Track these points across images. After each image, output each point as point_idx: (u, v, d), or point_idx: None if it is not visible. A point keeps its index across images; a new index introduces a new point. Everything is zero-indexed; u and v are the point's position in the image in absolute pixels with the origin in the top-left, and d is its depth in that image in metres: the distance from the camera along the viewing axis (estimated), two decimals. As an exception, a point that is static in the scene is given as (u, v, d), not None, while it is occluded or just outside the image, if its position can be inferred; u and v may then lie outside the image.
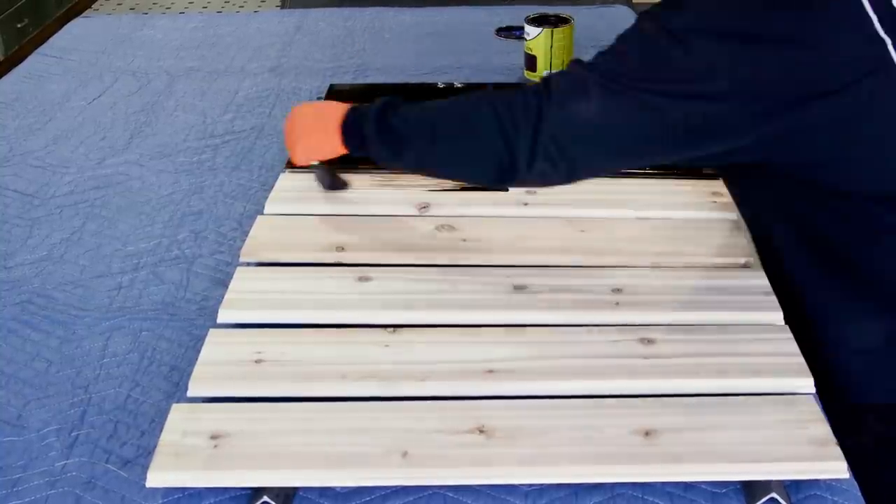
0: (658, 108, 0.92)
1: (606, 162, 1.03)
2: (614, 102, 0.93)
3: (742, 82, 0.90)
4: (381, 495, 0.87)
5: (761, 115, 0.91)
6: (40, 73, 1.87)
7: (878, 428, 1.03)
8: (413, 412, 0.92)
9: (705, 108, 0.91)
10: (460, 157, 1.04)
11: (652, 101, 0.92)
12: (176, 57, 1.93)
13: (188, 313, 1.14)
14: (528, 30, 1.69)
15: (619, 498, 0.86)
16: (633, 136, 0.95)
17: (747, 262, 1.13)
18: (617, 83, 0.93)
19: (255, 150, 1.53)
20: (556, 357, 0.98)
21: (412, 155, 1.07)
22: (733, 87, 0.90)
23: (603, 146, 0.97)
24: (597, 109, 0.94)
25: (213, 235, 1.30)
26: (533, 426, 0.89)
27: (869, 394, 1.04)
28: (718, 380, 0.95)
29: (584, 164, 1.00)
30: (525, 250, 1.16)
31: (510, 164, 0.97)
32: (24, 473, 0.92)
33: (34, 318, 1.14)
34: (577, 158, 0.98)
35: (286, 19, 2.15)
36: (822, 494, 0.85)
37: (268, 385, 0.95)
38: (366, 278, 1.10)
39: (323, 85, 1.72)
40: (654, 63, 0.93)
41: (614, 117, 0.94)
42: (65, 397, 1.02)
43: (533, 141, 0.95)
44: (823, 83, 0.90)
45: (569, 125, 0.95)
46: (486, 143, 0.98)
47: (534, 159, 0.96)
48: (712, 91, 0.91)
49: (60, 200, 1.40)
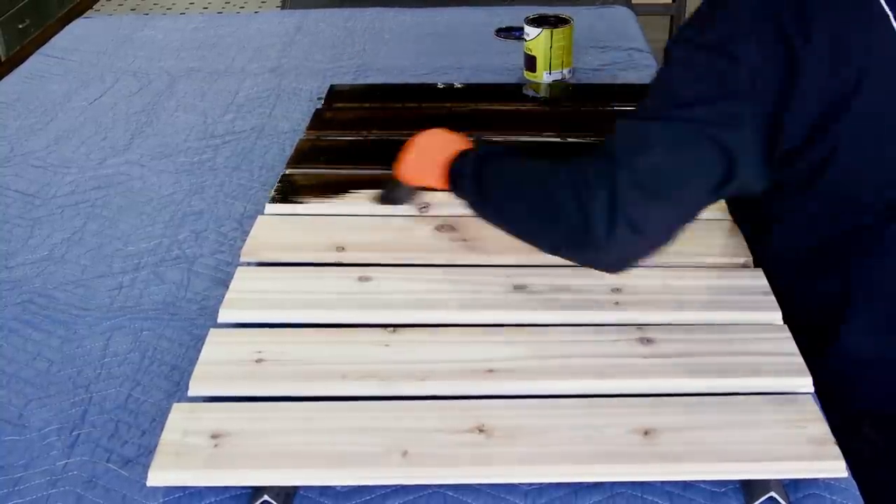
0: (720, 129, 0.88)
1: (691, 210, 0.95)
2: (679, 139, 0.89)
3: (773, 81, 0.88)
4: (381, 494, 0.87)
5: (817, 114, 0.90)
6: (42, 73, 1.88)
7: (873, 436, 1.03)
8: (413, 411, 0.92)
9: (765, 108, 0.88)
10: (539, 228, 0.99)
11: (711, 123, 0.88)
12: (177, 57, 1.93)
13: (189, 313, 1.14)
14: (527, 30, 1.69)
15: (619, 497, 0.86)
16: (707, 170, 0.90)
17: (747, 262, 1.13)
18: (672, 118, 0.90)
19: (255, 151, 1.53)
20: (555, 357, 0.98)
21: (491, 208, 1.04)
22: (763, 84, 0.88)
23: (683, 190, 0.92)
24: (665, 155, 0.89)
25: (214, 235, 1.30)
26: (533, 425, 0.90)
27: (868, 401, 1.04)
28: (717, 379, 0.95)
29: (667, 220, 0.93)
30: (525, 250, 1.15)
31: (587, 236, 0.91)
32: (25, 472, 0.92)
33: (35, 318, 1.14)
34: (660, 217, 0.92)
35: (286, 20, 2.15)
36: (821, 494, 0.85)
37: (268, 385, 0.96)
38: (366, 278, 1.10)
39: (323, 85, 1.72)
40: (701, 82, 0.90)
41: (685, 156, 0.90)
42: (66, 397, 1.02)
43: (611, 213, 0.89)
44: (843, 81, 0.89)
45: (645, 182, 0.89)
46: (563, 216, 0.93)
47: (614, 230, 0.89)
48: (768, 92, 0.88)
49: (61, 200, 1.40)
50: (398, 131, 1.48)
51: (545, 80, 1.70)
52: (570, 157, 0.96)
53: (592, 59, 1.82)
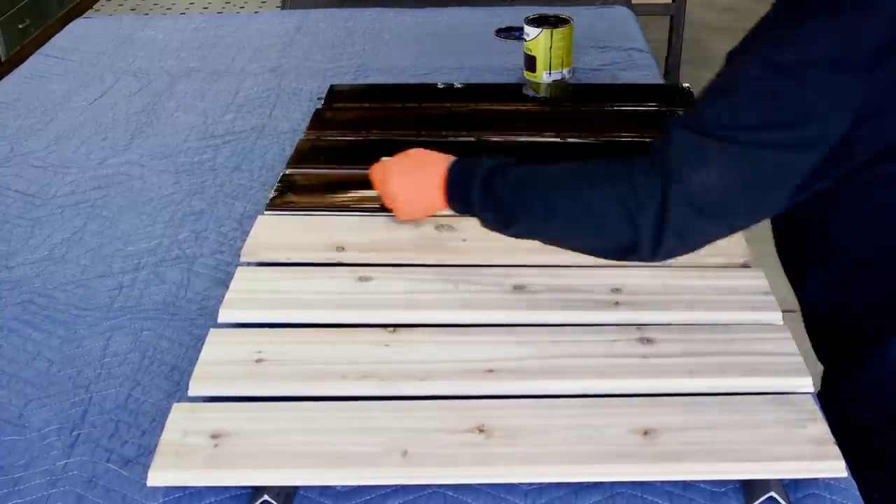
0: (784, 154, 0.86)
1: (738, 226, 0.95)
2: (739, 162, 0.87)
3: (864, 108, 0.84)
4: (381, 494, 0.87)
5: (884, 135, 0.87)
6: (42, 73, 1.88)
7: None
8: (413, 412, 0.92)
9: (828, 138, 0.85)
10: (580, 238, 0.97)
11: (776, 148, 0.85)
12: (177, 57, 1.93)
13: (189, 313, 1.14)
14: (527, 30, 1.69)
15: (619, 497, 0.86)
16: (762, 193, 0.89)
17: (747, 262, 1.13)
18: (735, 140, 0.86)
19: (255, 151, 1.53)
20: (555, 357, 0.98)
21: (523, 227, 1.00)
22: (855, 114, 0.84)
23: (735, 210, 0.90)
24: (721, 175, 0.87)
25: (214, 235, 1.30)
26: (532, 425, 0.90)
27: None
28: (717, 379, 0.95)
29: (714, 234, 0.93)
30: (525, 250, 1.15)
31: (633, 246, 0.91)
32: (25, 472, 0.92)
33: (35, 318, 1.15)
34: (708, 231, 0.92)
35: (286, 20, 2.15)
36: (821, 493, 0.85)
37: (268, 385, 0.96)
38: (366, 278, 1.11)
39: (323, 85, 1.72)
40: (769, 104, 0.86)
41: (742, 178, 0.88)
42: (66, 397, 1.02)
43: (659, 227, 0.88)
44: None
45: (696, 199, 0.88)
46: (609, 227, 0.92)
47: (661, 242, 0.89)
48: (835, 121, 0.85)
49: (62, 200, 1.40)
50: (398, 131, 1.49)
51: (545, 80, 1.70)
52: (607, 163, 0.95)
53: (592, 59, 1.82)
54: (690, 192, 0.87)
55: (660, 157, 0.90)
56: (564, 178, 0.98)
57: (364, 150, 1.43)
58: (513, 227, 1.01)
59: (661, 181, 0.88)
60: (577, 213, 0.94)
